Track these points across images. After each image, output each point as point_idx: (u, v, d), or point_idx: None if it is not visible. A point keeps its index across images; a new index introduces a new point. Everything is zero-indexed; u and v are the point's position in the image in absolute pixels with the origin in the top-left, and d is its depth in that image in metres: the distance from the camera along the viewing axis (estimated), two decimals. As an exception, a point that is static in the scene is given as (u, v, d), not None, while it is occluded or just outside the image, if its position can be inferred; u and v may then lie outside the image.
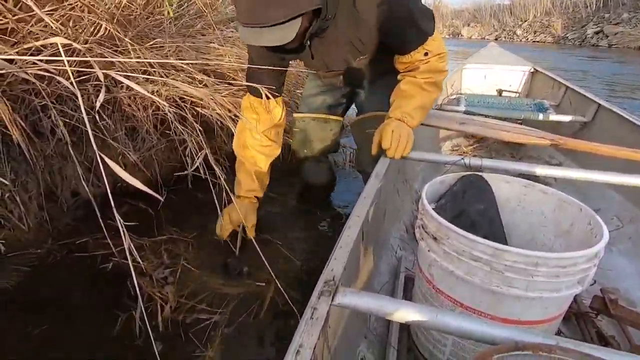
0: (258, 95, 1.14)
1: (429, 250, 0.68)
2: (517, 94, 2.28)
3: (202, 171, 1.37)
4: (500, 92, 2.27)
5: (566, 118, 1.68)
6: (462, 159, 1.01)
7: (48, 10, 1.02)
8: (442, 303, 0.70)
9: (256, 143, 1.22)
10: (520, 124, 1.90)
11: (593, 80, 5.46)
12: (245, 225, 1.19)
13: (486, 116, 1.93)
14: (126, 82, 0.71)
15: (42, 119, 1.18)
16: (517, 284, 0.59)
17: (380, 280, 1.00)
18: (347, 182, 1.77)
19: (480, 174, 0.85)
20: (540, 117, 1.72)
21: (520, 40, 17.41)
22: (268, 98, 1.02)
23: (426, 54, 1.05)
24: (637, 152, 1.06)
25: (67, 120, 1.26)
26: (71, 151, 1.10)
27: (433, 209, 0.69)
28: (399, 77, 1.12)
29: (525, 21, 18.48)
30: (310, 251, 1.27)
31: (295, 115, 1.48)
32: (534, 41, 16.73)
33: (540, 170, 0.98)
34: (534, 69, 2.31)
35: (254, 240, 1.05)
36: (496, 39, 18.12)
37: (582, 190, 1.37)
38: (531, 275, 0.58)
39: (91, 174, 1.42)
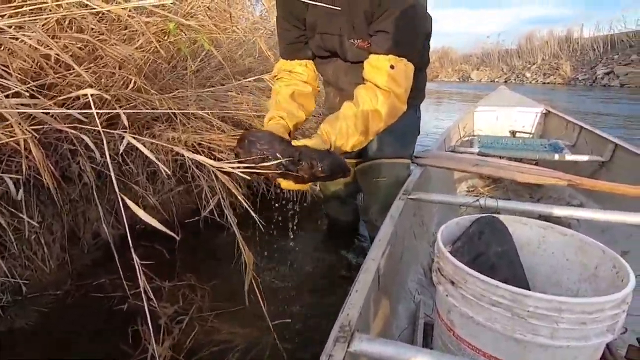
0: (284, 58, 1.22)
1: (447, 295, 0.66)
2: (531, 135, 2.29)
3: (216, 215, 1.42)
4: (513, 133, 2.28)
5: (583, 158, 1.67)
6: (478, 200, 1.01)
7: (84, 67, 1.11)
8: (464, 351, 0.67)
9: (281, 84, 1.21)
10: (536, 164, 1.89)
11: (608, 120, 5.44)
12: None
13: (500, 157, 1.94)
14: (138, 144, 0.76)
15: (71, 164, 1.24)
16: (541, 331, 0.56)
17: (399, 325, 0.97)
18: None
19: (496, 215, 0.84)
20: (556, 157, 1.71)
21: (530, 82, 17.69)
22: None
23: (392, 67, 1.00)
24: (658, 191, 1.04)
25: (94, 166, 1.33)
26: (95, 195, 1.16)
27: (449, 251, 0.68)
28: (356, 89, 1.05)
29: (534, 64, 18.89)
30: (330, 292, 1.25)
31: None
32: (544, 83, 16.98)
33: (559, 211, 0.97)
34: (546, 110, 2.34)
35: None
36: (506, 82, 18.49)
37: (608, 232, 1.33)
38: (556, 322, 0.55)
39: (112, 217, 1.47)
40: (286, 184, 0.87)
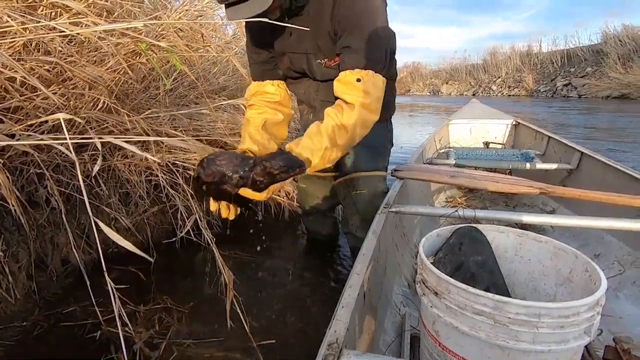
0: (256, 79, 1.26)
1: (431, 306, 0.66)
2: (503, 146, 2.38)
3: (193, 234, 1.38)
4: (487, 144, 2.37)
5: (552, 166, 1.74)
6: (456, 210, 1.03)
7: (52, 90, 1.08)
8: (451, 362, 0.67)
9: (253, 112, 1.22)
10: (510, 173, 1.97)
11: (571, 129, 5.74)
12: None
13: (476, 168, 2.00)
14: (126, 146, 0.74)
15: (38, 189, 1.19)
16: (523, 337, 0.57)
17: (386, 339, 0.96)
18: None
19: (474, 225, 0.86)
20: (528, 166, 1.78)
21: (497, 95, 18.54)
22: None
23: (358, 80, 1.00)
24: (622, 197, 1.09)
25: (62, 189, 1.27)
26: (64, 219, 1.11)
27: (432, 263, 0.69)
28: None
29: (499, 77, 19.82)
30: (314, 308, 1.23)
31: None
32: (509, 95, 17.83)
33: (533, 218, 1.00)
34: (516, 121, 2.44)
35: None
36: (474, 95, 19.32)
37: (580, 236, 1.38)
38: (536, 327, 0.57)
39: (82, 241, 1.40)
40: (246, 193, 0.88)
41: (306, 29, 1.01)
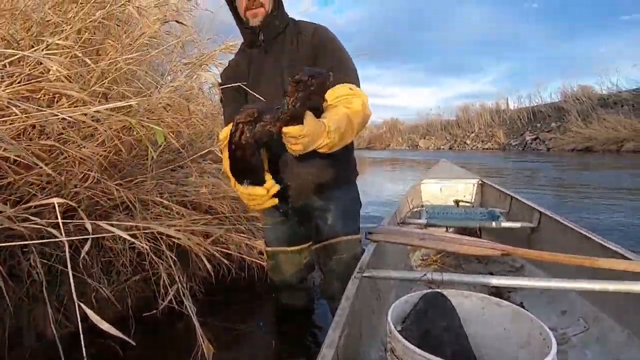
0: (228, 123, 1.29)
1: (400, 375, 0.71)
2: (471, 204, 2.52)
3: (175, 302, 1.39)
4: (457, 202, 2.50)
5: (516, 225, 1.86)
6: (425, 274, 1.10)
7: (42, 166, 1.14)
8: None
9: None
10: (479, 231, 2.08)
11: (540, 181, 6.07)
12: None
13: (447, 228, 2.10)
14: (115, 230, 0.80)
15: (21, 261, 1.20)
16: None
17: (363, 409, 0.97)
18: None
19: (440, 290, 0.93)
20: (494, 224, 1.89)
21: (471, 149, 19.51)
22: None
23: (351, 88, 1.13)
24: (577, 258, 1.18)
25: (44, 261, 1.28)
26: (45, 293, 1.12)
27: (400, 330, 0.74)
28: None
29: (473, 132, 20.99)
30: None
31: (266, 249, 1.53)
32: (483, 149, 18.78)
33: (498, 280, 1.08)
34: (482, 181, 2.62)
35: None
36: (450, 148, 20.27)
37: (547, 293, 1.44)
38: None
39: (60, 314, 1.38)
40: (289, 131, 0.89)
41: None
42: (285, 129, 0.88)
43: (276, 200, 1.03)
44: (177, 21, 1.63)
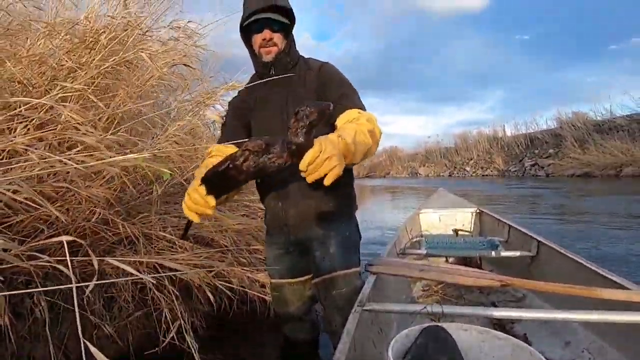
0: (220, 142, 1.32)
1: (402, 411, 0.71)
2: (470, 233, 2.53)
3: (177, 339, 1.38)
4: (456, 232, 2.52)
5: (515, 253, 1.86)
6: (425, 307, 1.10)
7: (53, 205, 1.18)
8: None
9: (211, 160, 1.20)
10: (479, 261, 2.08)
11: (541, 208, 6.07)
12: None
13: (447, 258, 2.11)
14: (122, 266, 0.83)
15: (24, 299, 1.21)
16: None
17: None
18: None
19: (440, 324, 0.94)
20: (493, 254, 1.90)
21: (471, 175, 19.60)
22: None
23: (359, 112, 1.20)
24: (576, 288, 1.18)
25: (48, 298, 1.29)
26: (48, 332, 1.12)
27: (400, 366, 0.75)
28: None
29: (472, 159, 21.16)
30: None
31: (272, 281, 1.53)
32: (482, 175, 18.87)
33: (498, 312, 1.08)
34: (479, 209, 2.64)
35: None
36: (450, 175, 20.38)
37: (550, 324, 1.44)
38: None
39: (60, 352, 1.37)
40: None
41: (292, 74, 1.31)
42: (302, 162, 0.87)
43: (207, 210, 1.00)
44: (184, 64, 1.72)
